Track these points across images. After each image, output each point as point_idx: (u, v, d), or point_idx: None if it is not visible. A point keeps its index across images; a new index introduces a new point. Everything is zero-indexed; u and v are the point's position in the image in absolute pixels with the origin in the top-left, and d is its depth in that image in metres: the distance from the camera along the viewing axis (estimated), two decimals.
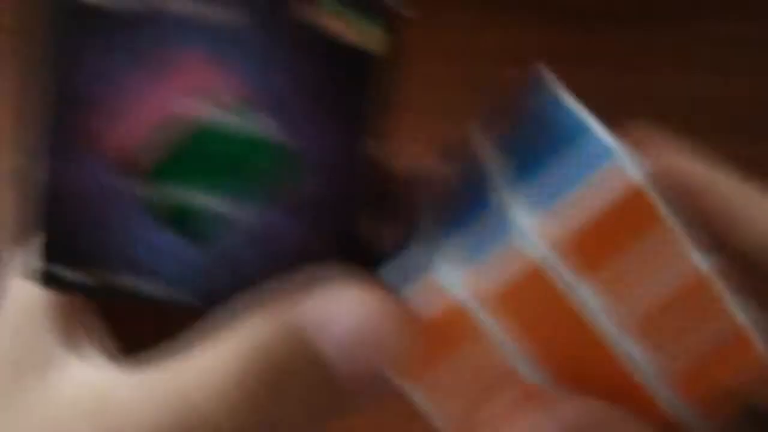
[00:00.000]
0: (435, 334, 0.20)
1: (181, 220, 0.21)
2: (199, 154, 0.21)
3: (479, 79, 0.85)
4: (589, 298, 0.20)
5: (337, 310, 0.19)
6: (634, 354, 0.20)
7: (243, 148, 0.21)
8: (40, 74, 0.20)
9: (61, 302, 0.21)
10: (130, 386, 0.19)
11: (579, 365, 0.20)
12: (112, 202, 0.21)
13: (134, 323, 0.23)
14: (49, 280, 0.21)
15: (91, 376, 0.20)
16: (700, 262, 0.20)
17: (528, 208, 0.20)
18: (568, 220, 0.19)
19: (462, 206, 0.23)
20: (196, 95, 0.21)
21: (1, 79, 0.83)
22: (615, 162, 0.20)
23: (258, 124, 0.21)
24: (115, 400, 0.19)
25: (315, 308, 0.19)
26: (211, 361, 0.19)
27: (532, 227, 0.20)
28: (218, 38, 0.20)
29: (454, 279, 0.20)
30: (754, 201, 0.24)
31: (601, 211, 0.19)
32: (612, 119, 0.91)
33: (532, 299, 0.20)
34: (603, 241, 0.19)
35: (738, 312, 0.20)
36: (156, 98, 0.21)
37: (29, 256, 0.21)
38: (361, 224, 0.21)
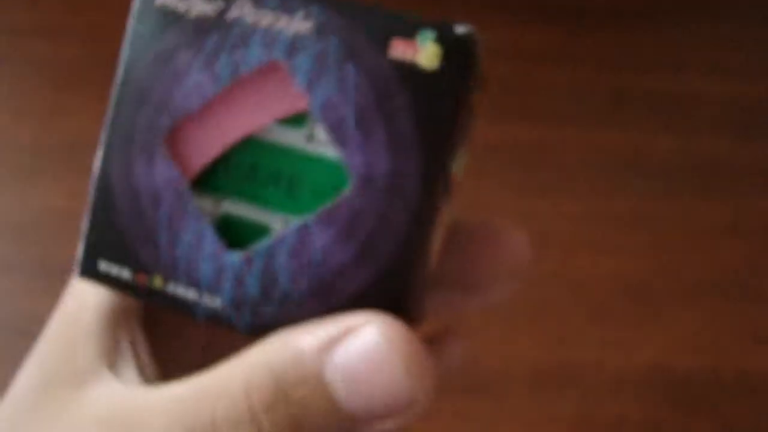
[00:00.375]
0: None
1: (226, 230, 0.21)
2: (253, 165, 0.20)
3: None
4: None
5: (347, 336, 0.18)
6: None
7: (297, 162, 0.20)
8: (118, 71, 0.20)
9: (113, 308, 0.21)
10: (152, 405, 0.19)
11: None
12: (175, 209, 0.20)
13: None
14: (95, 274, 0.21)
15: (120, 394, 0.20)
16: None
17: None
18: None
19: None
20: (262, 105, 0.20)
21: (1, 79, 0.84)
22: None
23: (315, 140, 0.20)
24: (137, 420, 0.19)
25: (324, 333, 0.18)
26: (225, 372, 0.19)
27: None
28: (288, 50, 0.19)
29: None
30: None
31: None
32: (611, 117, 0.91)
33: None
34: None
35: None
36: (223, 106, 0.20)
37: (82, 251, 0.21)
38: (411, 258, 0.19)
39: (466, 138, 0.20)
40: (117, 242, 0.21)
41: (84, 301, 0.21)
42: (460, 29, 0.19)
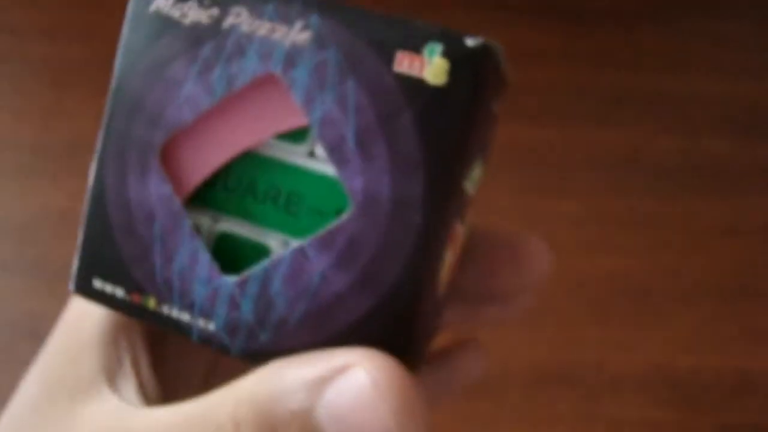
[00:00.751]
0: None
1: (223, 249, 0.20)
2: (252, 182, 0.20)
3: None
4: None
5: (338, 376, 0.17)
6: None
7: (297, 180, 0.19)
8: (112, 80, 0.19)
9: (115, 322, 0.21)
10: (143, 429, 0.19)
11: None
12: (170, 227, 0.19)
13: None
14: (89, 292, 0.20)
15: (116, 412, 0.20)
16: None
17: None
18: None
19: None
20: (261, 119, 0.19)
21: (1, 79, 0.83)
22: None
23: (317, 157, 0.19)
24: None
25: (315, 371, 0.18)
26: (217, 401, 0.19)
27: None
28: (285, 62, 0.18)
29: None
30: None
31: None
32: (611, 117, 0.91)
33: None
34: None
35: None
36: (220, 119, 0.19)
37: (76, 267, 0.20)
38: (416, 286, 0.18)
39: (482, 153, 0.19)
40: (111, 260, 0.20)
41: (87, 312, 0.21)
42: (471, 42, 0.17)
